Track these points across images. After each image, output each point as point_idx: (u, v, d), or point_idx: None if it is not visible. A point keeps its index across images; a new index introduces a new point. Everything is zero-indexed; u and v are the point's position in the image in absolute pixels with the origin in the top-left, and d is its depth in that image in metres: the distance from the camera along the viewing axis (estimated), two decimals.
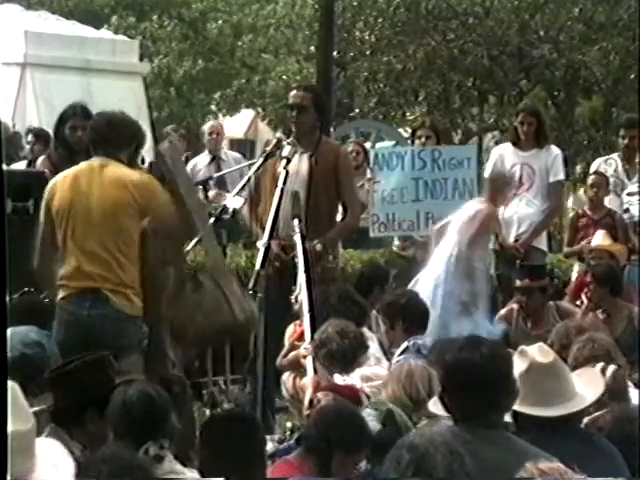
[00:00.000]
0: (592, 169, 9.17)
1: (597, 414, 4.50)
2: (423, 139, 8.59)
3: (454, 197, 8.36)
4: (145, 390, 4.34)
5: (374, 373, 5.76)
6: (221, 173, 9.12)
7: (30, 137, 10.05)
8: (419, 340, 6.01)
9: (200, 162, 10.84)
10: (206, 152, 10.96)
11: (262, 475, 4.18)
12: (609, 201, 8.79)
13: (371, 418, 4.67)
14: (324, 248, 6.72)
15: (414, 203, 8.35)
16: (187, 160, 11.41)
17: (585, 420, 4.39)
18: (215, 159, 10.43)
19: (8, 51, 13.01)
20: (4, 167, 8.95)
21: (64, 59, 13.24)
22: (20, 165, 9.50)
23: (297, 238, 6.02)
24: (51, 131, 7.84)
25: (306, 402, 5.28)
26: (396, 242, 8.74)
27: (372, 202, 8.34)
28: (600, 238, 8.36)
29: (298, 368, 5.94)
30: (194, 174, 10.08)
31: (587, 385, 4.29)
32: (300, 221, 6.12)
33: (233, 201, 6.39)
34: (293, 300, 6.11)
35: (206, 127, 11.00)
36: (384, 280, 7.72)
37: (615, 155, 9.14)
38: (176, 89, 21.58)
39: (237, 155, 11.40)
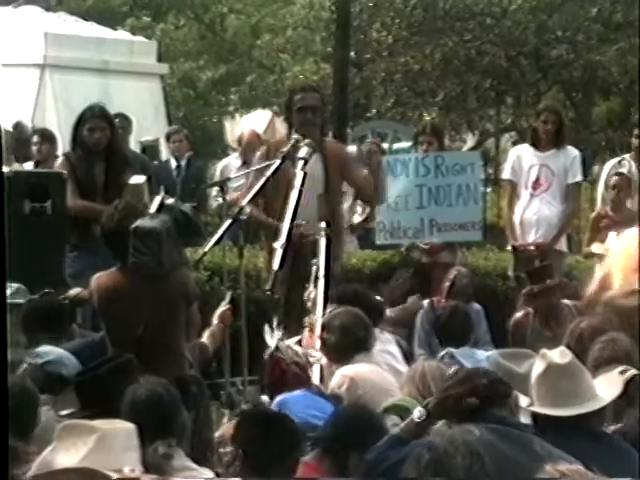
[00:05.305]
0: (605, 171, 9.13)
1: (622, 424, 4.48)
2: (425, 145, 8.59)
3: (458, 203, 8.38)
4: (154, 389, 4.34)
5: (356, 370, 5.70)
6: (236, 175, 9.07)
7: (36, 138, 9.94)
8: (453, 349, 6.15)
9: (231, 163, 10.82)
10: (237, 154, 10.96)
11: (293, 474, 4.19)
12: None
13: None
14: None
15: (418, 210, 8.38)
16: (189, 161, 11.40)
17: (612, 428, 4.38)
18: (246, 163, 10.40)
19: (28, 52, 13.06)
20: (19, 168, 9.06)
21: (82, 60, 13.28)
22: (27, 166, 9.52)
23: (322, 241, 6.02)
24: (69, 132, 7.85)
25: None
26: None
27: (377, 209, 8.37)
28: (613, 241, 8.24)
29: None
30: (225, 175, 10.09)
31: (607, 387, 4.28)
32: (328, 225, 6.12)
33: None
34: (305, 298, 6.11)
35: (245, 134, 10.94)
36: (387, 277, 7.86)
37: (627, 156, 9.11)
38: (195, 91, 21.61)
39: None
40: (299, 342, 5.77)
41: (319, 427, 4.67)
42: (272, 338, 5.55)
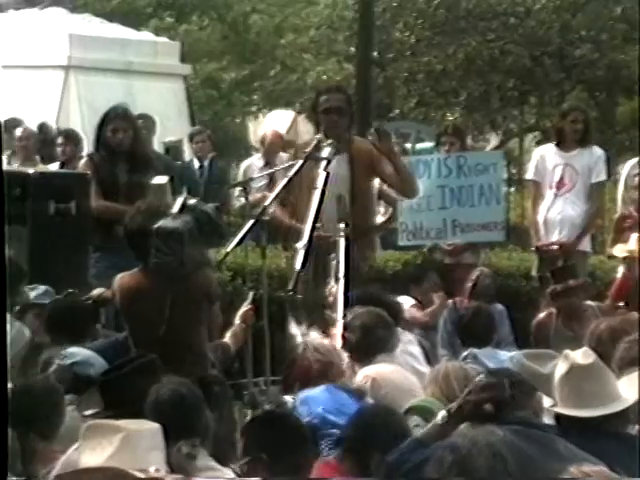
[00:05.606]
0: (625, 171, 9.09)
1: None
2: (447, 146, 8.59)
3: (480, 203, 8.36)
4: (177, 389, 4.36)
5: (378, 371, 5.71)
6: (259, 176, 9.10)
7: (61, 139, 10.00)
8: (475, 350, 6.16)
9: (254, 163, 10.85)
10: (260, 155, 11.00)
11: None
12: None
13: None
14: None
15: (441, 211, 8.36)
16: (212, 161, 11.44)
17: (636, 428, 4.36)
18: (269, 164, 10.41)
19: (53, 54, 13.13)
20: (44, 168, 9.11)
21: (107, 61, 13.35)
22: (53, 167, 9.57)
23: (342, 242, 6.03)
24: (93, 133, 7.89)
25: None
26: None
27: (400, 210, 8.38)
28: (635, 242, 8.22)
29: None
30: (248, 175, 10.12)
31: (630, 388, 4.27)
32: (347, 225, 6.13)
33: None
34: (327, 293, 6.12)
35: (268, 135, 10.94)
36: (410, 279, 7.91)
37: None
38: (218, 91, 21.65)
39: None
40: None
41: (339, 424, 4.67)
42: (297, 337, 5.57)
